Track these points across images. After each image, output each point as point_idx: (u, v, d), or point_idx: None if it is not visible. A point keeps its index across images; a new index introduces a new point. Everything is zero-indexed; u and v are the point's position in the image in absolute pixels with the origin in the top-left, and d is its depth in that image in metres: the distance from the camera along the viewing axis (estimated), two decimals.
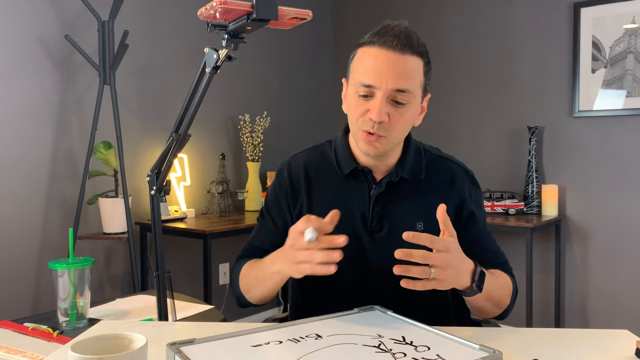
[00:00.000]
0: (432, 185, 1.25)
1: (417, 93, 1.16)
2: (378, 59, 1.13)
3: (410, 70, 1.14)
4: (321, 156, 1.31)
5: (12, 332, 1.25)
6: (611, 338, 0.99)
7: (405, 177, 1.23)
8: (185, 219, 3.13)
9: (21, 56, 2.59)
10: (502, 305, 1.18)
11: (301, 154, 1.33)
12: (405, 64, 1.13)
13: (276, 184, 1.32)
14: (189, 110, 1.09)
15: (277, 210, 1.30)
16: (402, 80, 1.12)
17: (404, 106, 1.14)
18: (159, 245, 1.15)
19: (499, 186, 3.43)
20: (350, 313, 1.04)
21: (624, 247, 3.09)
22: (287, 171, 1.31)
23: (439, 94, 3.69)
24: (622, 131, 3.08)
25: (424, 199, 1.23)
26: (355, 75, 1.17)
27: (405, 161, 1.24)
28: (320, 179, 1.28)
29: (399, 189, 1.23)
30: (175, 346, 0.85)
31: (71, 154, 2.77)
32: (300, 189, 1.28)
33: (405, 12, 3.82)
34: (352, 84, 1.18)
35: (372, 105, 1.13)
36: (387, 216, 1.22)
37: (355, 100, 1.17)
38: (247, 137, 3.47)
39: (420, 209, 1.22)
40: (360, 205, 1.23)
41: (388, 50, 1.12)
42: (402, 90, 1.12)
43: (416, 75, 1.15)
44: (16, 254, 2.57)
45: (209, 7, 0.92)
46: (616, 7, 3.06)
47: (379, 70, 1.12)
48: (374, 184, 1.24)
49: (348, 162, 1.25)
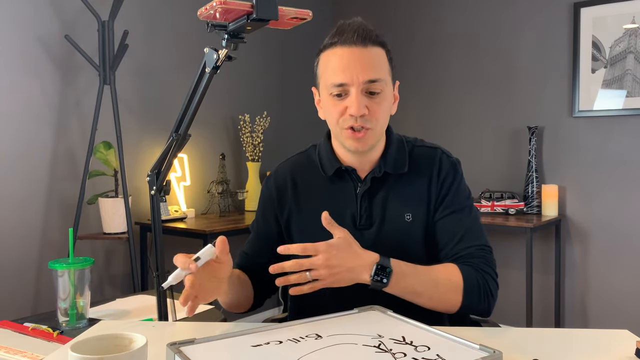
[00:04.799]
0: (416, 174, 1.25)
1: (387, 81, 1.19)
2: (343, 56, 1.16)
3: (376, 61, 1.17)
4: (307, 161, 1.33)
5: (12, 332, 1.25)
6: (611, 338, 0.99)
7: (388, 171, 1.24)
8: (185, 219, 3.13)
9: (21, 56, 2.59)
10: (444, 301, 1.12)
11: (288, 161, 1.36)
12: (370, 56, 1.16)
13: (263, 193, 1.34)
14: (189, 110, 1.09)
15: (264, 220, 1.33)
16: (371, 70, 1.15)
17: (379, 95, 1.17)
18: (159, 245, 1.15)
19: (499, 186, 3.43)
20: (350, 313, 1.03)
21: (624, 247, 3.09)
22: (273, 180, 1.33)
23: (439, 94, 3.70)
24: (622, 131, 3.08)
25: (409, 190, 1.23)
26: (325, 78, 1.19)
27: (387, 156, 1.25)
28: (307, 183, 1.29)
29: (383, 184, 1.24)
30: (175, 346, 0.85)
31: (71, 154, 2.77)
32: (286, 196, 1.29)
33: (405, 12, 3.83)
34: (323, 88, 1.21)
35: (349, 101, 1.15)
36: (375, 212, 1.23)
37: (331, 102, 1.19)
38: (247, 137, 3.47)
39: (406, 201, 1.23)
40: (348, 204, 1.24)
41: (350, 46, 1.16)
42: (373, 81, 1.15)
43: (382, 64, 1.18)
44: (16, 254, 2.57)
45: (209, 7, 0.92)
46: (616, 7, 3.06)
47: (347, 67, 1.15)
48: (359, 182, 1.25)
49: (332, 163, 1.26)
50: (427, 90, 3.74)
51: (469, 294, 1.13)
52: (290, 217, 1.28)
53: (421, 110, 3.73)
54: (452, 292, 1.12)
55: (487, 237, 1.23)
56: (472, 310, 1.16)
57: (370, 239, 1.21)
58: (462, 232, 1.20)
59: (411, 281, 1.09)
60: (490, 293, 1.16)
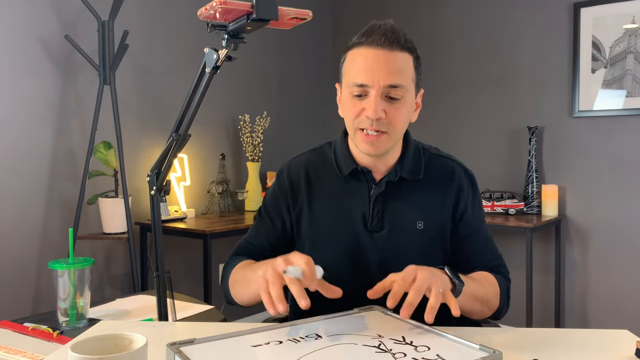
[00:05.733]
0: (431, 184, 1.25)
1: (410, 88, 1.18)
2: (368, 58, 1.15)
3: (400, 66, 1.15)
4: (321, 158, 1.31)
5: (12, 332, 1.25)
6: (611, 338, 0.99)
7: (404, 176, 1.24)
8: (185, 219, 3.13)
9: (21, 56, 2.59)
10: (491, 306, 1.17)
11: (301, 157, 1.34)
12: (395, 60, 1.15)
13: (275, 185, 1.33)
14: (189, 110, 1.09)
15: (275, 210, 1.31)
16: (393, 76, 1.14)
17: (398, 101, 1.16)
18: (159, 245, 1.15)
19: (499, 186, 3.43)
20: (350, 313, 1.04)
21: (624, 247, 3.09)
22: (287, 173, 1.31)
23: (439, 94, 3.70)
24: (622, 131, 3.08)
25: (424, 198, 1.24)
26: (348, 77, 1.19)
27: (404, 161, 1.25)
28: (320, 180, 1.29)
29: (398, 189, 1.24)
30: (175, 346, 0.85)
31: (71, 154, 2.77)
32: (300, 191, 1.28)
33: (404, 12, 3.83)
34: (345, 86, 1.20)
35: (367, 103, 1.14)
36: (387, 216, 1.23)
37: (350, 102, 1.18)
38: (247, 137, 3.47)
39: (419, 209, 1.23)
40: (361, 205, 1.24)
41: (377, 48, 1.14)
42: (394, 86, 1.14)
43: (407, 71, 1.17)
44: (16, 254, 2.57)
45: (209, 7, 0.92)
46: (616, 7, 3.06)
47: (370, 69, 1.14)
48: (373, 184, 1.24)
49: (347, 163, 1.26)
50: (427, 90, 3.70)
51: (505, 299, 1.20)
52: (301, 211, 1.27)
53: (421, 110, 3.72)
54: (494, 295, 1.18)
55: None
56: (501, 314, 1.21)
57: (380, 242, 1.21)
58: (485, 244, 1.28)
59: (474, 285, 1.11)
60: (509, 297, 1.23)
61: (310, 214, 1.26)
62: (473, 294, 1.10)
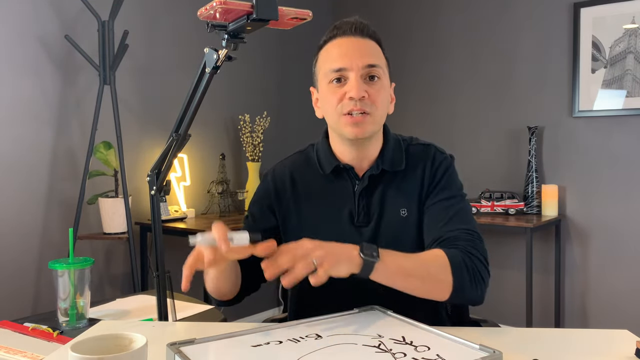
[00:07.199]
0: (411, 170, 1.26)
1: (385, 72, 1.22)
2: (342, 45, 1.20)
3: (373, 49, 1.21)
4: (305, 160, 1.33)
5: (12, 332, 1.25)
6: (611, 338, 0.99)
7: (386, 169, 1.25)
8: (185, 219, 3.13)
9: (21, 56, 2.59)
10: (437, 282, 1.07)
11: (286, 160, 1.36)
12: (368, 45, 1.21)
13: (260, 189, 1.34)
14: (189, 110, 1.09)
15: (260, 213, 1.31)
16: (369, 56, 1.19)
17: (377, 82, 1.20)
18: (159, 245, 1.15)
19: (499, 186, 3.43)
20: (350, 313, 1.04)
21: (624, 247, 3.09)
22: (271, 176, 1.33)
23: (439, 94, 3.70)
24: (622, 131, 3.08)
25: (404, 186, 1.24)
26: (325, 68, 1.21)
27: (384, 154, 1.26)
28: (305, 181, 1.30)
29: (381, 181, 1.25)
30: (175, 346, 0.85)
31: (71, 154, 2.77)
32: (285, 193, 1.29)
33: (404, 12, 3.83)
34: (323, 78, 1.22)
35: (349, 86, 1.17)
36: (372, 209, 1.24)
37: (330, 90, 1.20)
38: (247, 137, 3.47)
39: (401, 196, 1.24)
40: (346, 202, 1.25)
41: (349, 36, 1.21)
42: (372, 65, 1.18)
43: (380, 55, 1.22)
44: (16, 254, 2.57)
45: (209, 7, 0.92)
46: (616, 7, 3.06)
47: (346, 54, 1.18)
48: (357, 180, 1.25)
49: (330, 161, 1.27)
50: (427, 90, 3.74)
51: (458, 273, 1.07)
52: (287, 213, 1.28)
53: (421, 110, 3.73)
54: (442, 271, 1.06)
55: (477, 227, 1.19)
56: (464, 293, 1.08)
57: (367, 235, 1.22)
58: (450, 216, 1.18)
59: (400, 260, 1.04)
60: (480, 277, 1.10)
61: (297, 215, 1.27)
62: (403, 270, 1.03)
